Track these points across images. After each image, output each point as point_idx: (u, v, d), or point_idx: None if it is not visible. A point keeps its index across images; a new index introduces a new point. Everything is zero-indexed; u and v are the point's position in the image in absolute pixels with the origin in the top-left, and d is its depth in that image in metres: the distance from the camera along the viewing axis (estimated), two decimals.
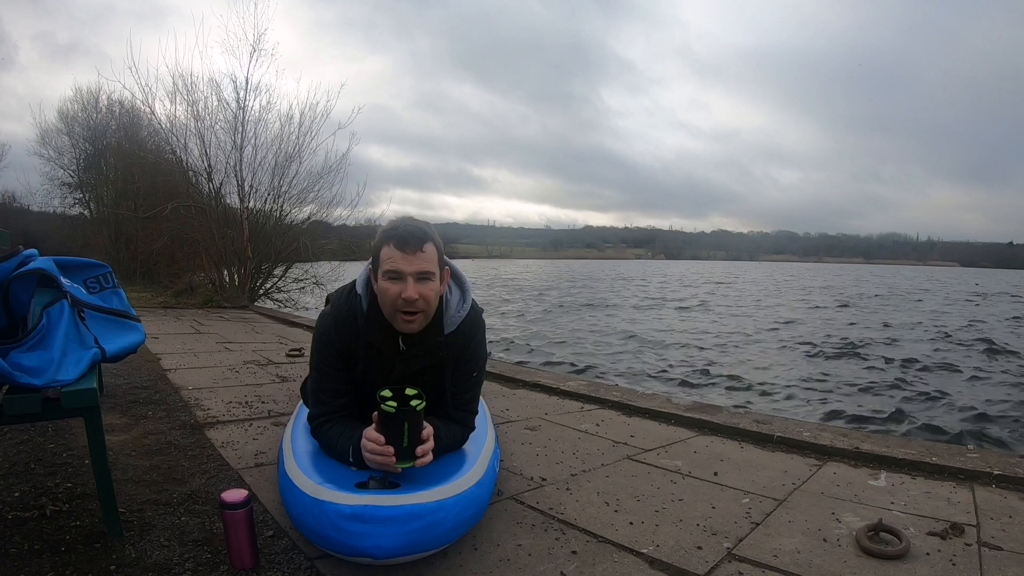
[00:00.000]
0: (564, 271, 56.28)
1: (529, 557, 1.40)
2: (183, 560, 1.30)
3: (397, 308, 1.39)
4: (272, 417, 2.54)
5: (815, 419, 4.78)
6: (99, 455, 1.37)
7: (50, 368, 1.39)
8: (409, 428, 1.26)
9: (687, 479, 1.98)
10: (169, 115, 9.21)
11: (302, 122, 9.45)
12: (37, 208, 16.38)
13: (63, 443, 2.04)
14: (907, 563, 1.40)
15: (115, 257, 12.74)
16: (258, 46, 9.28)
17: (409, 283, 1.36)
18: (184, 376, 3.32)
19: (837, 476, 2.05)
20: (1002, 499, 1.84)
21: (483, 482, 1.44)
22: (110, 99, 13.78)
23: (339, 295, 1.56)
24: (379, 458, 1.28)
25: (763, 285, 31.95)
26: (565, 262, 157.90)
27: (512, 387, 3.45)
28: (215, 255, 9.45)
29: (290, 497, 1.35)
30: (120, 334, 1.80)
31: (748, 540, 1.52)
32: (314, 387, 1.55)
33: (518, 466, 2.04)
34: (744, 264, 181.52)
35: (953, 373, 7.20)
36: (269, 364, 3.87)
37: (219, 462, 1.96)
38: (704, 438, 2.52)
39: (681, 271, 62.50)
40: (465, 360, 1.55)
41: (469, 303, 1.55)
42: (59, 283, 1.63)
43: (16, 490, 1.63)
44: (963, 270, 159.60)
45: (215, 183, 9.38)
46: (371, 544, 1.15)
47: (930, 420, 4.90)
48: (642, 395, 3.41)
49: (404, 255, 1.36)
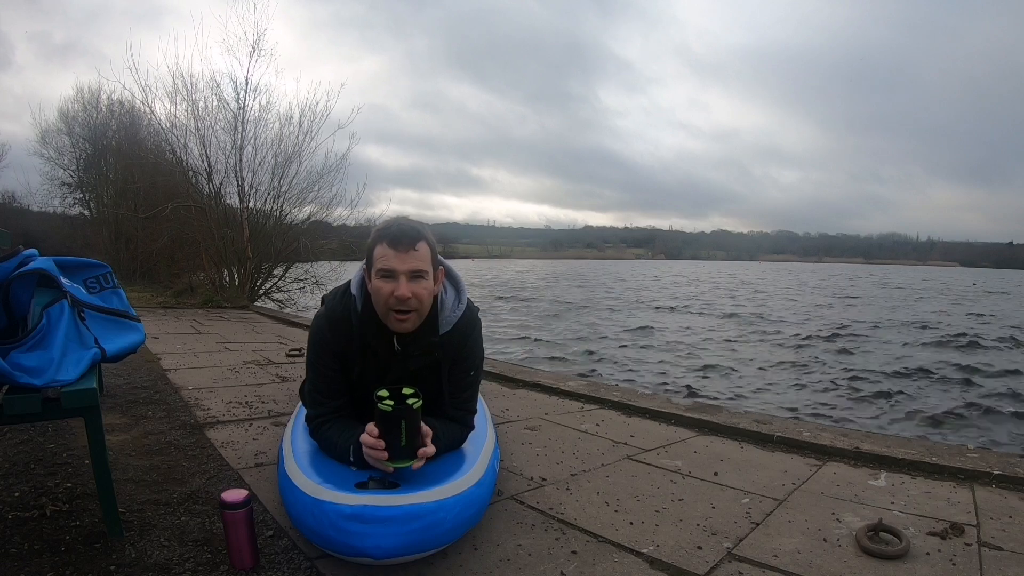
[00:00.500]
0: (576, 272, 53.27)
1: (529, 557, 1.40)
2: (183, 560, 1.30)
3: (390, 307, 1.39)
4: (272, 417, 2.54)
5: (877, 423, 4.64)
6: (99, 455, 1.37)
7: (50, 368, 1.39)
8: (407, 426, 1.26)
9: (687, 479, 1.98)
10: (169, 115, 9.24)
11: (302, 122, 9.48)
12: (37, 208, 16.41)
13: (63, 443, 2.04)
14: (907, 563, 1.40)
15: (115, 257, 12.73)
16: (258, 46, 9.30)
17: (402, 281, 1.36)
18: (184, 376, 3.32)
19: (837, 476, 2.05)
20: (1002, 499, 1.84)
21: (483, 482, 1.44)
22: (110, 99, 13.81)
23: (333, 296, 1.56)
24: (375, 452, 1.28)
25: (791, 287, 30.39)
26: (566, 262, 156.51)
27: (512, 387, 3.45)
28: (215, 255, 9.45)
29: (290, 497, 1.35)
30: (120, 334, 1.80)
31: (748, 540, 1.52)
32: (311, 388, 1.55)
33: (518, 466, 2.04)
34: (744, 264, 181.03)
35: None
36: (269, 364, 3.87)
37: (219, 462, 1.96)
38: (704, 438, 2.52)
39: (692, 272, 60.46)
40: (462, 359, 1.55)
41: (464, 303, 1.55)
42: (59, 283, 1.64)
43: (16, 490, 1.63)
44: (963, 270, 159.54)
45: (215, 183, 9.40)
46: (371, 544, 1.15)
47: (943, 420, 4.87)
48: (642, 395, 3.41)
49: (397, 253, 1.36)
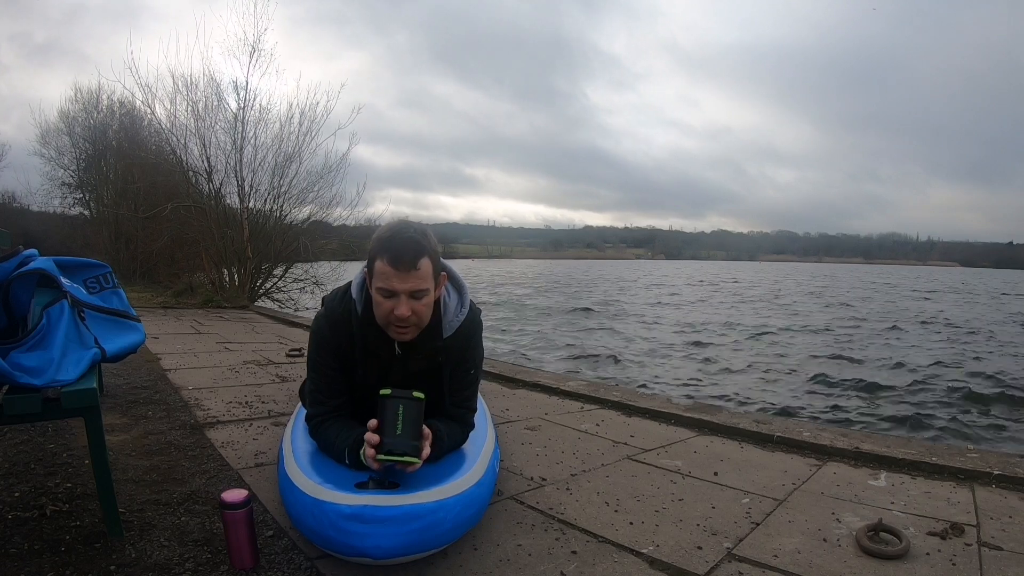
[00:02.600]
0: (584, 273, 51.18)
1: (529, 557, 1.40)
2: (183, 560, 1.30)
3: (390, 322, 1.38)
4: (272, 417, 2.54)
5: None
6: (99, 455, 1.37)
7: (50, 368, 1.39)
8: (404, 413, 1.25)
9: (687, 479, 1.98)
10: (169, 115, 9.23)
11: (302, 122, 9.47)
12: (37, 208, 16.39)
13: (63, 443, 2.04)
14: (907, 563, 1.40)
15: (115, 257, 12.72)
16: (258, 46, 9.29)
17: (402, 300, 1.34)
18: (184, 376, 3.32)
19: (837, 476, 2.05)
20: (1002, 499, 1.84)
21: (483, 482, 1.44)
22: (110, 99, 13.79)
23: (333, 297, 1.55)
24: (368, 443, 1.26)
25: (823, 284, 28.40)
26: (563, 262, 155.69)
27: (512, 387, 3.45)
28: (215, 255, 9.45)
29: (290, 497, 1.35)
30: (120, 334, 1.80)
31: (748, 540, 1.52)
32: (311, 387, 1.55)
33: (518, 466, 2.04)
34: (745, 264, 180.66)
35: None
36: (269, 364, 3.87)
37: (219, 462, 1.96)
38: (704, 438, 2.52)
39: (680, 272, 59.98)
40: (463, 360, 1.55)
41: (467, 306, 1.54)
42: (59, 283, 1.63)
43: (16, 490, 1.63)
44: (963, 270, 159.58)
45: (215, 183, 9.39)
46: (371, 544, 1.15)
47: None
48: (642, 395, 3.41)
49: (397, 273, 1.32)
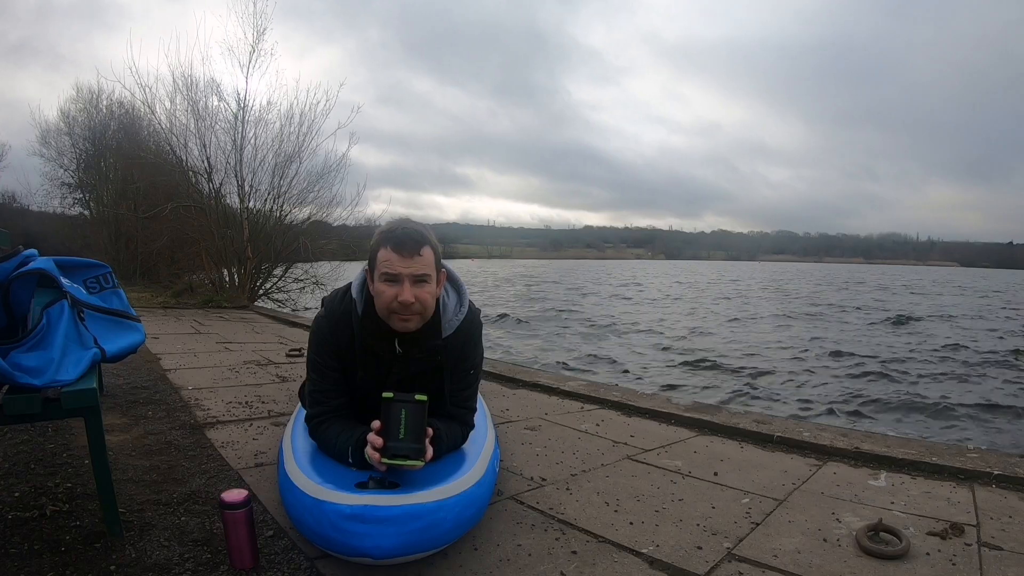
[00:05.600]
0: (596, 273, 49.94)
1: (529, 557, 1.40)
2: (183, 560, 1.30)
3: (392, 310, 1.39)
4: (272, 417, 2.54)
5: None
6: (99, 455, 1.37)
7: (50, 368, 1.39)
8: (407, 416, 1.26)
9: (687, 479, 1.98)
10: (169, 115, 9.23)
11: (302, 122, 9.47)
12: (37, 208, 16.41)
13: (63, 443, 2.04)
14: (907, 563, 1.40)
15: (115, 257, 12.71)
16: (257, 46, 9.29)
17: (405, 286, 1.35)
18: (184, 376, 3.32)
19: (837, 476, 2.05)
20: (1002, 499, 1.84)
21: (483, 482, 1.44)
22: (110, 99, 13.79)
23: (333, 297, 1.56)
24: (371, 446, 1.27)
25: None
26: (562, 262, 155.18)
27: (512, 387, 3.44)
28: (215, 255, 9.45)
29: (290, 497, 1.35)
30: (120, 334, 1.80)
31: (748, 540, 1.52)
32: (311, 387, 1.55)
33: (518, 466, 2.04)
34: (745, 264, 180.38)
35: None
36: (269, 364, 3.87)
37: (219, 462, 1.96)
38: (704, 438, 2.52)
39: (669, 272, 59.28)
40: (463, 360, 1.55)
41: (466, 306, 1.55)
42: (59, 283, 1.64)
43: (16, 490, 1.63)
44: (963, 270, 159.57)
45: (215, 183, 9.39)
46: (371, 544, 1.15)
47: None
48: (642, 395, 3.40)
49: (401, 258, 1.35)
